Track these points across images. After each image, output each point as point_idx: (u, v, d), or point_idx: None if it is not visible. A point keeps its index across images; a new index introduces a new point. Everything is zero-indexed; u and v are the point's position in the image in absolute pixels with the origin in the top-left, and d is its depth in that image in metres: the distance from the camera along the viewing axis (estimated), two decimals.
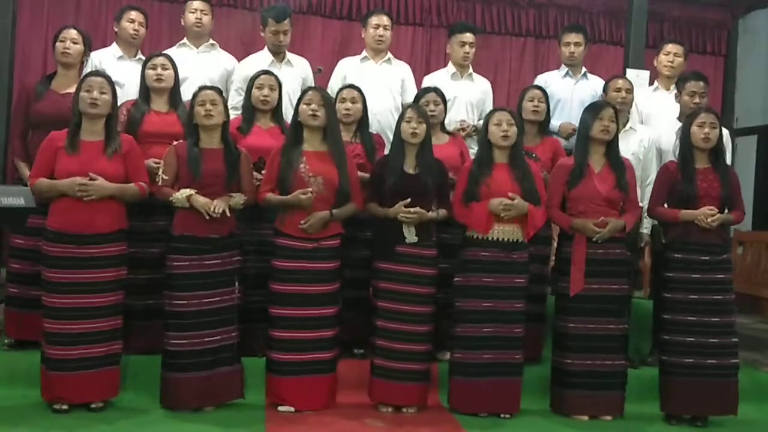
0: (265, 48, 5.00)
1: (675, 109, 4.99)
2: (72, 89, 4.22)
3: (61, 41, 4.32)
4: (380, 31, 5.06)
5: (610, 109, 4.14)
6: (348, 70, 5.07)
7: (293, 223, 3.91)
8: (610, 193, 4.07)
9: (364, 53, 5.14)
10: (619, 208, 4.11)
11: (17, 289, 4.18)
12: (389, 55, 5.16)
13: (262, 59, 4.94)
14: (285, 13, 4.91)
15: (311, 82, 4.91)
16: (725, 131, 4.77)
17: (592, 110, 4.16)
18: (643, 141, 4.77)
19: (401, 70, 5.16)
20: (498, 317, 3.98)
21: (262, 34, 5.00)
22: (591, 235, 4.03)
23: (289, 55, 5.03)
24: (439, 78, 5.13)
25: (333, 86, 4.90)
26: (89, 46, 4.44)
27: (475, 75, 5.22)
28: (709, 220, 4.01)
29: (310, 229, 3.89)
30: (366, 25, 5.14)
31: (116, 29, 4.90)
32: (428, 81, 5.11)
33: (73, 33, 4.35)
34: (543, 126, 4.66)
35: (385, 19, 5.11)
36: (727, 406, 4.11)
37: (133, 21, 4.81)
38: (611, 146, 4.15)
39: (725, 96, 8.29)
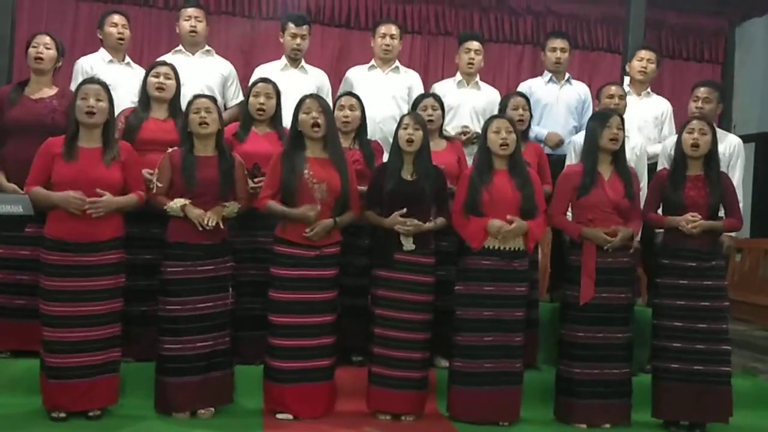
0: (283, 56, 5.04)
1: (645, 113, 5.11)
2: (44, 94, 4.21)
3: (34, 47, 4.25)
4: (387, 40, 5.08)
5: (617, 118, 4.12)
6: (355, 80, 5.11)
7: (296, 231, 3.89)
8: (621, 202, 4.05)
9: (372, 62, 5.18)
10: (625, 216, 4.09)
11: None
12: (397, 63, 5.19)
13: (277, 64, 5.02)
14: (304, 18, 5.07)
15: (327, 95, 4.90)
16: (737, 140, 4.81)
17: (600, 119, 4.13)
18: (635, 149, 4.76)
19: (409, 79, 5.19)
20: (499, 326, 3.96)
21: (281, 40, 5.04)
22: (602, 244, 4.00)
23: (305, 64, 5.06)
24: (446, 86, 5.19)
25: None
26: (62, 53, 4.37)
27: (482, 84, 5.24)
28: (689, 226, 4.01)
29: (315, 237, 3.88)
30: (374, 34, 5.18)
31: (100, 36, 4.87)
32: (435, 89, 5.15)
33: (46, 39, 4.29)
34: (525, 132, 4.65)
35: (393, 29, 5.14)
36: (718, 414, 4.06)
37: (116, 25, 4.80)
38: (618, 154, 4.12)
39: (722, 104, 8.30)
